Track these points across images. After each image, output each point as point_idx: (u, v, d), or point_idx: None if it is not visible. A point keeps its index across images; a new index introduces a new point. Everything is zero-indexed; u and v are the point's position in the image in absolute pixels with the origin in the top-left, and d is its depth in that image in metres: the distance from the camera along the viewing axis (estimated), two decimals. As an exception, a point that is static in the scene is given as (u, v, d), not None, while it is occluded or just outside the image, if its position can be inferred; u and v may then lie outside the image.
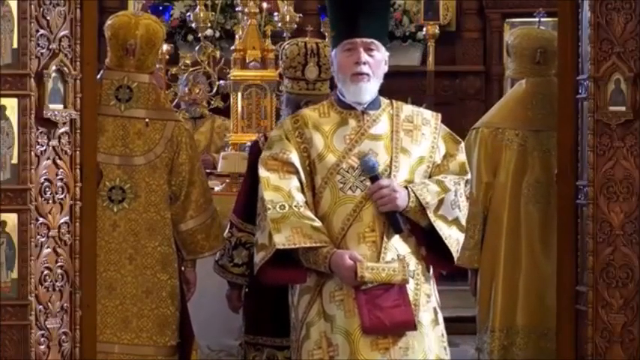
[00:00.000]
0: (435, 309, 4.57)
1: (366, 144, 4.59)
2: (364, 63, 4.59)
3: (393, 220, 4.47)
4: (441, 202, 4.48)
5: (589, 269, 5.10)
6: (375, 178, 4.50)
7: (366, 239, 4.52)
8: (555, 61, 5.79)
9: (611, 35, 5.05)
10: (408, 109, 4.67)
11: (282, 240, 4.53)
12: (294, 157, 4.64)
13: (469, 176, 4.62)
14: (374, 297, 4.48)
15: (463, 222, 4.56)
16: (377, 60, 4.61)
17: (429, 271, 4.59)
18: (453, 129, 4.74)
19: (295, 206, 4.58)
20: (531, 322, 5.75)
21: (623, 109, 5.05)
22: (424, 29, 9.89)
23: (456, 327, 7.43)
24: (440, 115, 4.69)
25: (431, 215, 4.47)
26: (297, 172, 4.63)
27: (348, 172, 4.59)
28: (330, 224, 4.56)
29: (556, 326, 5.29)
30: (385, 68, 4.66)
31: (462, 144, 4.66)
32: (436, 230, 4.48)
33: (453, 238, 4.52)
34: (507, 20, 10.16)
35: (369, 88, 4.62)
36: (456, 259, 4.54)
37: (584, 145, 5.16)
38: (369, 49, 4.59)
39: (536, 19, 7.70)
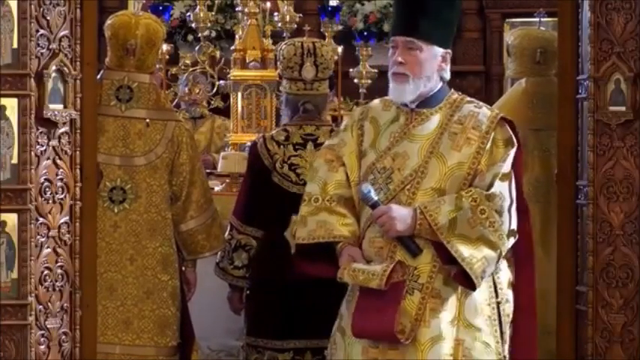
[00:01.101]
0: (445, 327, 4.45)
1: (403, 145, 4.55)
2: (400, 63, 4.55)
3: (404, 245, 4.43)
4: (453, 221, 4.38)
5: (589, 269, 5.11)
6: (374, 205, 4.46)
7: (375, 244, 4.51)
8: (555, 61, 5.78)
9: (611, 35, 5.05)
10: (467, 108, 4.60)
11: (303, 234, 4.59)
12: (348, 150, 4.65)
13: (501, 188, 4.45)
14: (369, 301, 4.44)
15: (495, 238, 4.39)
16: (419, 59, 4.54)
17: (454, 288, 4.47)
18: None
19: (328, 200, 4.59)
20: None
21: (623, 109, 5.04)
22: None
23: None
24: (499, 116, 4.59)
25: (443, 236, 4.37)
26: (344, 166, 4.63)
27: (379, 172, 4.57)
28: (359, 223, 4.56)
29: (556, 326, 5.29)
30: (442, 66, 4.61)
31: (512, 151, 4.54)
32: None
33: (476, 258, 4.36)
34: (507, 20, 10.17)
35: (407, 89, 4.56)
36: (480, 278, 4.37)
37: (584, 145, 5.16)
38: (409, 49, 4.54)
39: (537, 19, 7.71)
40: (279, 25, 8.59)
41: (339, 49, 8.40)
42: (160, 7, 8.91)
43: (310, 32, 8.27)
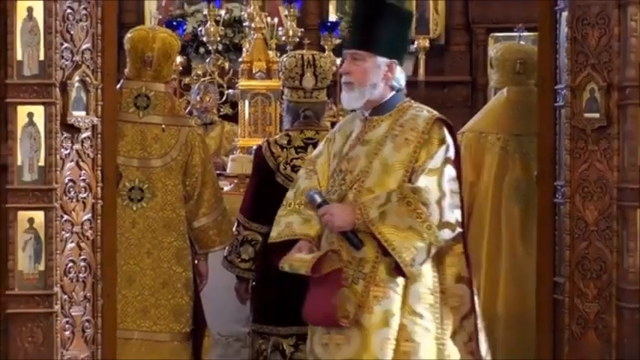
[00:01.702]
0: (387, 313, 4.43)
1: (357, 150, 4.59)
2: (346, 73, 4.60)
3: (347, 239, 4.44)
4: (383, 214, 4.37)
5: (566, 262, 5.10)
6: (319, 206, 4.50)
7: (328, 240, 4.54)
8: (534, 72, 5.79)
9: (586, 48, 5.04)
10: (409, 113, 4.60)
11: (274, 234, 4.67)
12: (322, 160, 4.70)
13: (427, 182, 4.43)
14: (313, 289, 4.49)
15: (422, 228, 4.36)
16: (363, 69, 4.55)
17: (396, 278, 4.45)
18: (441, 133, 4.70)
19: (298, 204, 4.66)
20: (511, 310, 5.74)
21: (597, 116, 5.03)
22: (416, 43, 9.87)
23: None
24: (435, 117, 4.59)
25: (374, 228, 4.37)
26: (317, 174, 4.68)
27: (337, 174, 4.62)
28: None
29: (536, 314, 5.28)
30: (389, 75, 4.59)
31: (442, 149, 4.53)
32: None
33: (405, 247, 4.34)
34: (491, 35, 10.16)
35: (353, 96, 4.60)
36: (409, 266, 4.35)
37: (561, 149, 5.15)
38: (354, 59, 4.57)
39: (520, 33, 7.70)
40: (283, 38, 8.58)
41: (337, 60, 8.37)
42: (174, 23, 8.90)
43: (311, 45, 8.24)
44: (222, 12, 9.00)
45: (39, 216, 4.80)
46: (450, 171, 4.51)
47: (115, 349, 5.13)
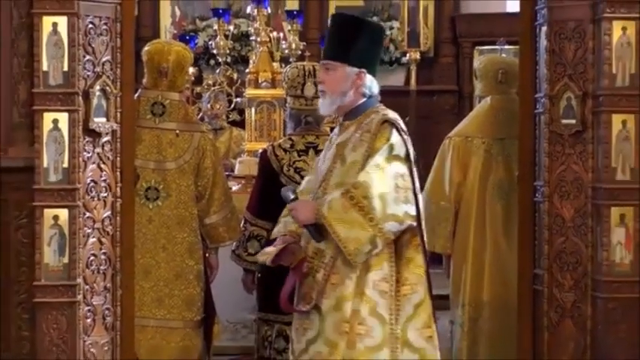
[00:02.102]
0: (342, 298, 4.41)
1: (330, 152, 4.60)
2: (320, 82, 4.62)
3: (309, 232, 4.44)
4: (331, 208, 4.36)
5: (545, 256, 5.09)
6: (290, 203, 4.51)
7: (305, 235, 4.52)
8: (515, 81, 5.80)
9: (564, 60, 5.04)
10: (371, 117, 4.55)
11: (274, 232, 4.68)
12: (319, 163, 4.69)
13: (367, 177, 4.37)
14: (287, 279, 4.54)
15: (365, 220, 4.32)
16: (332, 78, 4.54)
17: (353, 266, 4.42)
18: (431, 139, 4.74)
19: None
20: (495, 299, 5.74)
21: (574, 122, 5.03)
22: (407, 55, 9.90)
23: (434, 304, 7.46)
24: (383, 120, 4.51)
25: (325, 221, 4.35)
26: (315, 175, 4.68)
27: (318, 176, 4.63)
28: None
29: (517, 303, 5.28)
30: (358, 83, 4.54)
31: (385, 147, 4.45)
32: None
33: (350, 238, 4.32)
34: (477, 48, 10.16)
35: (324, 103, 4.61)
36: (354, 256, 4.34)
37: (541, 152, 5.15)
38: (326, 69, 4.57)
39: (502, 46, 7.72)
40: (286, 51, 8.60)
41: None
42: (187, 37, 8.94)
43: (311, 57, 8.25)
44: (231, 27, 9.02)
45: (63, 213, 4.80)
46: (396, 167, 4.43)
47: (132, 335, 5.12)
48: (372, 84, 4.60)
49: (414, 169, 4.50)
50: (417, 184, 4.51)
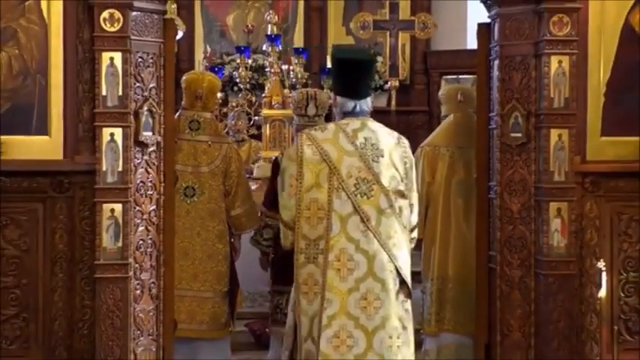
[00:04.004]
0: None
1: None
2: None
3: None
4: None
5: (497, 240, 5.07)
6: None
7: None
8: (471, 101, 5.80)
9: (512, 86, 5.02)
10: None
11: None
12: None
13: None
14: None
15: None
16: None
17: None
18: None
19: None
20: (458, 274, 5.70)
21: (520, 135, 5.01)
22: (389, 83, 9.86)
23: (412, 278, 7.43)
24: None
25: None
26: None
27: None
28: None
29: (475, 278, 5.25)
30: (335, 104, 4.25)
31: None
32: None
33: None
34: (444, 77, 10.12)
35: None
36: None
37: (494, 159, 5.12)
38: None
39: (459, 77, 7.76)
40: (294, 80, 8.59)
41: (332, 94, 8.37)
42: (216, 68, 8.94)
43: (313, 84, 8.25)
44: (250, 61, 9.00)
45: (118, 207, 4.77)
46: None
47: (172, 303, 5.09)
48: (341, 103, 4.22)
49: (301, 169, 4.08)
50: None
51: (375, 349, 3.96)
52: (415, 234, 4.28)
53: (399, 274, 4.04)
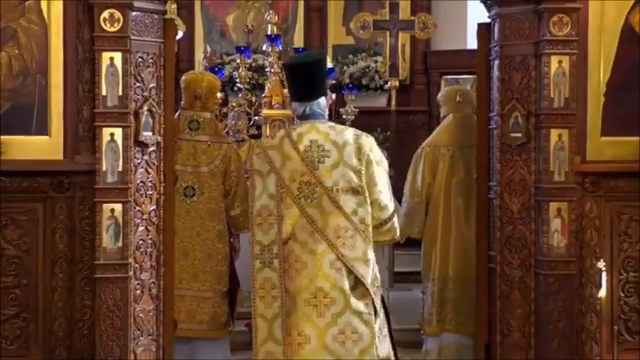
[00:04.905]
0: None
1: None
2: None
3: None
4: None
5: (497, 240, 5.07)
6: None
7: None
8: (470, 102, 5.81)
9: (512, 86, 5.02)
10: None
11: None
12: None
13: None
14: None
15: None
16: None
17: None
18: (407, 148, 4.70)
19: None
20: (458, 274, 5.70)
21: (520, 135, 5.01)
22: (389, 83, 9.85)
23: (411, 278, 7.44)
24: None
25: None
26: None
27: None
28: None
29: (475, 278, 5.25)
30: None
31: None
32: None
33: None
34: (443, 77, 10.11)
35: None
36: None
37: (494, 159, 5.12)
38: None
39: (459, 77, 7.74)
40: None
41: (333, 95, 8.37)
42: (216, 68, 8.90)
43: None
44: (250, 61, 8.99)
45: (118, 207, 4.77)
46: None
47: (172, 303, 5.09)
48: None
49: (252, 178, 4.29)
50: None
51: (327, 345, 4.03)
52: (390, 225, 4.26)
53: (351, 272, 4.07)
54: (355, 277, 4.10)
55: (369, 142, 4.23)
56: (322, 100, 4.25)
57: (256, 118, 8.58)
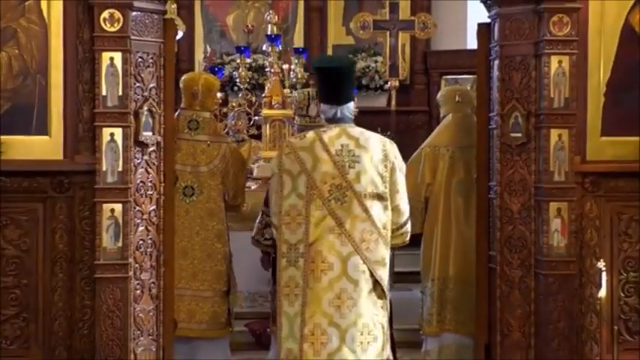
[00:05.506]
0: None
1: None
2: None
3: None
4: None
5: (497, 240, 5.06)
6: None
7: None
8: (469, 102, 5.80)
9: (512, 86, 5.02)
10: None
11: None
12: None
13: None
14: None
15: None
16: None
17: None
18: (407, 148, 4.70)
19: None
20: (458, 274, 5.70)
21: (520, 135, 5.01)
22: (389, 83, 9.85)
23: (411, 278, 7.44)
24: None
25: None
26: None
27: None
28: None
29: (475, 278, 5.25)
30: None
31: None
32: None
33: None
34: (443, 77, 10.12)
35: None
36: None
37: (494, 159, 5.12)
38: None
39: (459, 77, 7.73)
40: (294, 80, 8.57)
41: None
42: (216, 68, 8.93)
43: (314, 84, 8.22)
44: (250, 61, 8.98)
45: (118, 207, 4.77)
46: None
47: (172, 303, 5.09)
48: (323, 109, 4.36)
49: (281, 178, 4.21)
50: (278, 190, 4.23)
51: (347, 344, 4.09)
52: (405, 229, 4.35)
53: (372, 275, 4.15)
54: (375, 279, 4.16)
55: (393, 149, 4.29)
56: (351, 105, 4.30)
57: (256, 118, 8.59)
